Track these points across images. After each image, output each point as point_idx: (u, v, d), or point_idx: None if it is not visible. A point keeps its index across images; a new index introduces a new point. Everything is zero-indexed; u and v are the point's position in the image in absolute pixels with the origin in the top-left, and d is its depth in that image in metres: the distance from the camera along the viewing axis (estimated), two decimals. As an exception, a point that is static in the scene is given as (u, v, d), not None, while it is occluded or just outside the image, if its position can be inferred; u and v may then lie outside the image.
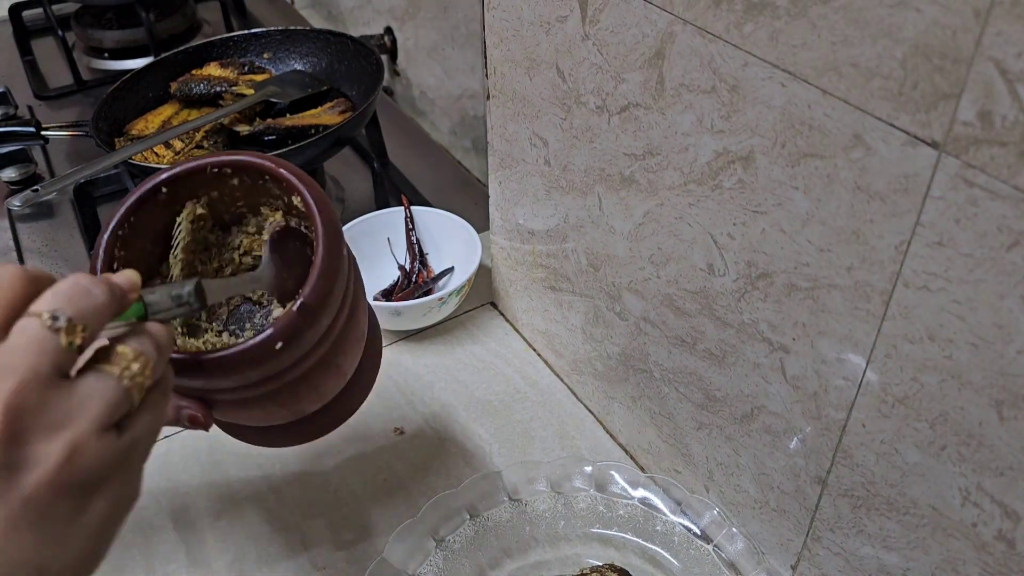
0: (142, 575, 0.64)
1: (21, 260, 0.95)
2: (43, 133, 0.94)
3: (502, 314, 0.86)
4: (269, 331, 0.46)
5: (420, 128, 1.17)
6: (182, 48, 1.05)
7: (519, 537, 0.64)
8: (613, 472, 0.66)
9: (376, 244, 0.88)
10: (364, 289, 0.56)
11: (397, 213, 0.89)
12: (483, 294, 0.88)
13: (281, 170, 0.51)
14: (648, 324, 0.63)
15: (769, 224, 0.48)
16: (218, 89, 0.99)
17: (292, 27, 1.07)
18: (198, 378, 0.47)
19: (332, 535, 0.67)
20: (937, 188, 0.38)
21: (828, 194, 0.44)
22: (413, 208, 0.89)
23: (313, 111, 0.98)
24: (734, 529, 0.61)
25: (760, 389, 0.54)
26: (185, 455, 0.73)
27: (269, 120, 0.97)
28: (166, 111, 0.99)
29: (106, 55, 1.32)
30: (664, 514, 0.64)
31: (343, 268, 0.50)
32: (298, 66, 1.06)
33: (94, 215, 0.96)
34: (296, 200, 0.50)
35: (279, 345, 0.46)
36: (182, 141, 0.92)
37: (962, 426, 0.41)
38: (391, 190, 1.01)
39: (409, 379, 0.80)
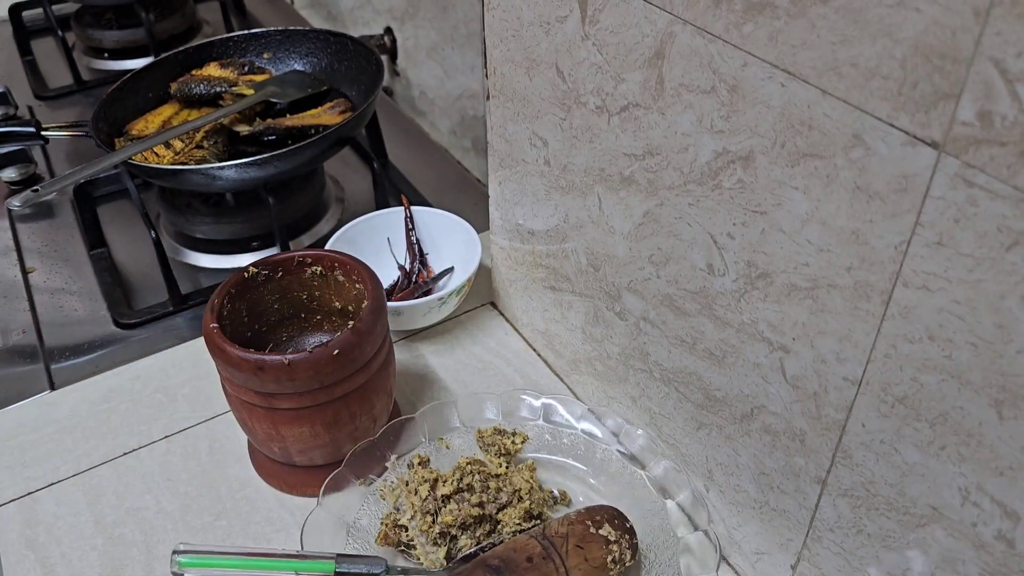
0: (142, 575, 0.64)
1: (21, 260, 0.95)
2: (43, 133, 0.94)
3: (502, 314, 0.86)
4: (328, 339, 0.61)
5: (420, 128, 1.18)
6: (182, 48, 1.05)
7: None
8: (557, 404, 0.71)
9: (376, 244, 0.88)
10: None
11: (397, 213, 0.89)
12: (483, 294, 0.88)
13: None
14: (648, 324, 0.63)
15: (769, 224, 0.48)
16: (218, 89, 0.99)
17: (292, 27, 1.07)
18: (267, 381, 0.60)
19: (332, 535, 0.67)
20: (937, 188, 0.38)
21: (828, 194, 0.44)
22: (413, 208, 0.89)
23: (313, 111, 0.98)
24: (662, 453, 0.66)
25: (760, 389, 0.54)
26: (185, 455, 0.73)
27: (269, 120, 0.97)
28: (166, 111, 0.99)
29: (106, 55, 1.32)
30: (603, 443, 0.69)
31: (384, 317, 0.65)
32: (298, 66, 1.06)
33: (94, 215, 0.97)
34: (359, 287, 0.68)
35: (336, 352, 0.60)
36: (182, 141, 0.92)
37: (962, 426, 0.41)
38: (391, 190, 1.01)
39: (409, 379, 0.80)
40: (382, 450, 0.66)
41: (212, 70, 1.02)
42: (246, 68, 1.03)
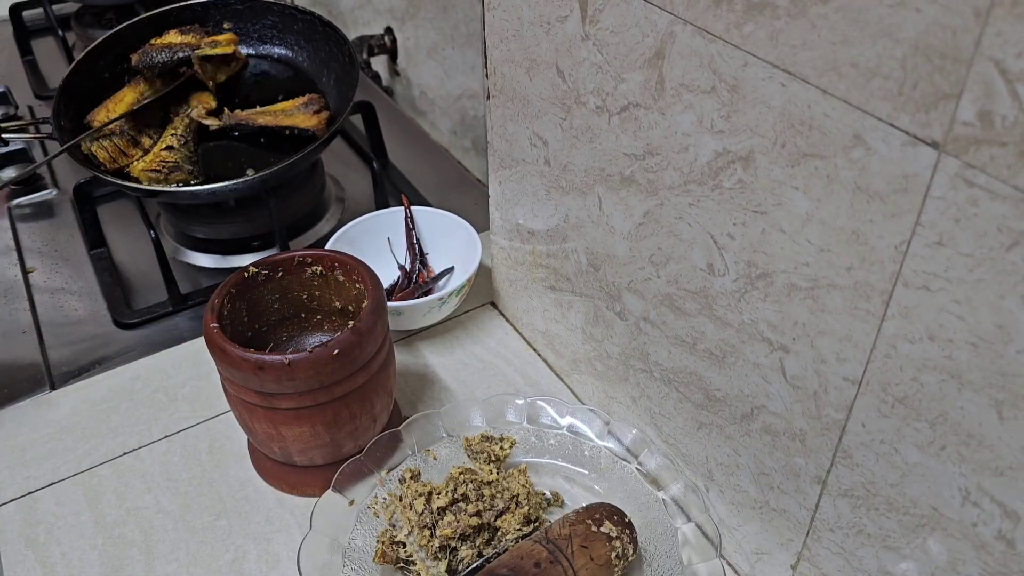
0: (142, 575, 0.64)
1: (21, 260, 0.95)
2: (4, 137, 0.92)
3: (502, 314, 0.86)
4: (328, 339, 0.62)
5: (420, 128, 1.18)
6: (135, 19, 0.98)
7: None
8: (543, 404, 0.71)
9: (376, 244, 0.88)
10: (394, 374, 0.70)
11: (397, 213, 0.89)
12: (483, 294, 0.88)
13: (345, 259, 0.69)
14: (648, 324, 0.63)
15: (769, 224, 0.48)
16: (180, 55, 0.92)
17: None
18: (267, 381, 0.60)
19: (332, 535, 0.67)
20: (937, 188, 0.38)
21: (828, 194, 0.44)
22: (413, 208, 0.89)
23: (284, 105, 0.94)
24: (654, 446, 0.67)
25: (760, 389, 0.54)
26: (185, 455, 0.73)
27: (239, 112, 0.93)
28: (128, 96, 0.93)
29: (106, 55, 1.31)
30: (590, 440, 0.69)
31: (384, 317, 0.65)
32: (264, 47, 1.02)
33: (94, 215, 0.96)
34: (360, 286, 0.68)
35: (336, 352, 0.60)
36: (151, 139, 0.89)
37: (962, 426, 0.41)
38: (391, 190, 1.01)
39: (409, 379, 0.80)
40: (369, 467, 0.66)
41: (172, 37, 0.95)
42: (208, 31, 0.96)
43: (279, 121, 0.93)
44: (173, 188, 0.85)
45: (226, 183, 0.84)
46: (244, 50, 1.01)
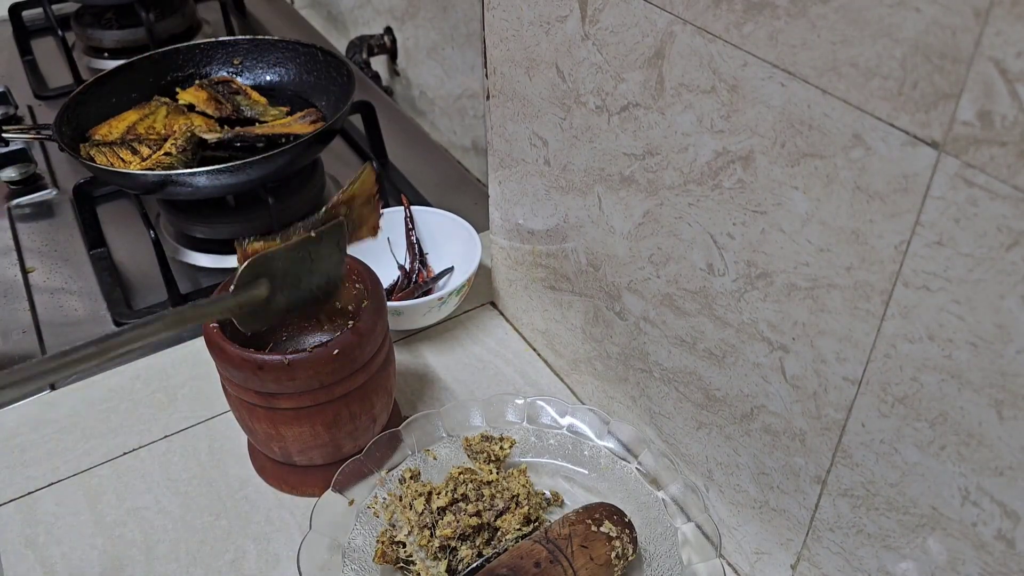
0: (142, 575, 0.64)
1: (21, 260, 0.95)
2: (4, 136, 0.93)
3: (502, 314, 0.86)
4: (328, 339, 0.62)
5: (420, 128, 1.18)
6: (147, 55, 1.04)
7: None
8: (543, 404, 0.71)
9: (376, 244, 0.87)
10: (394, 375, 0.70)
11: (397, 213, 0.89)
12: (483, 294, 0.88)
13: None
14: (648, 324, 0.63)
15: (769, 224, 0.48)
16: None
17: (260, 36, 1.07)
18: (267, 379, 0.60)
19: (332, 535, 0.67)
20: (937, 188, 0.38)
21: (828, 194, 0.44)
22: (413, 208, 0.89)
23: (283, 120, 0.98)
24: (654, 446, 0.67)
25: (760, 389, 0.54)
26: (185, 455, 0.73)
27: (239, 128, 0.96)
28: (130, 116, 0.97)
29: (106, 55, 1.32)
30: (590, 440, 0.69)
31: (384, 317, 0.65)
32: (267, 76, 1.07)
33: (94, 215, 0.97)
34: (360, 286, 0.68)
35: (336, 352, 0.60)
36: (149, 148, 0.91)
37: (962, 426, 0.41)
38: (391, 190, 1.01)
39: (409, 379, 0.80)
40: (369, 467, 0.66)
41: (194, 94, 1.00)
42: (219, 88, 1.02)
43: (276, 130, 0.95)
44: (164, 172, 0.85)
45: (219, 166, 0.83)
46: (246, 80, 1.06)
